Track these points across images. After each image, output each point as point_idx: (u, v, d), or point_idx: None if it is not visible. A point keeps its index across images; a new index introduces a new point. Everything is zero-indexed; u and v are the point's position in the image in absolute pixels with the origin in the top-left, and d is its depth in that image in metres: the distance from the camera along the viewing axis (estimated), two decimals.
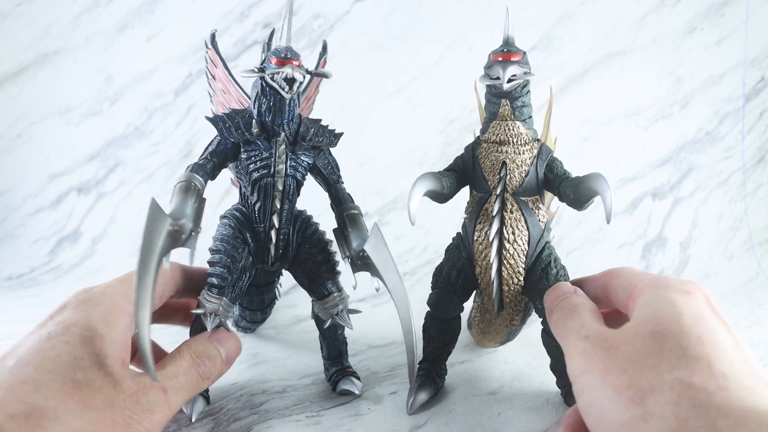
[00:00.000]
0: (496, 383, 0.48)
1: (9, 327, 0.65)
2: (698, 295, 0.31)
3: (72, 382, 0.28)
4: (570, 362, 0.31)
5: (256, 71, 0.40)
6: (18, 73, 0.94)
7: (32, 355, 0.29)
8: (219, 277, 0.40)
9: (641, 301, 0.32)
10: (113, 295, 0.34)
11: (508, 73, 0.39)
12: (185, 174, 0.40)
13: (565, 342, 0.34)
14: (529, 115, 0.43)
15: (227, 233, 0.42)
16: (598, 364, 0.29)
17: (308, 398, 0.45)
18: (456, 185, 0.45)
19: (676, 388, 0.26)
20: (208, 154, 0.42)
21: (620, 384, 0.27)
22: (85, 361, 0.29)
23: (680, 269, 0.81)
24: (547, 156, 0.42)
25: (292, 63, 0.39)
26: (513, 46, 0.41)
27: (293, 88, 0.39)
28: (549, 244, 0.44)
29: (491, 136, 0.42)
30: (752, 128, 0.88)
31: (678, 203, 0.86)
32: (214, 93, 0.48)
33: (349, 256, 0.44)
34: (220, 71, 0.46)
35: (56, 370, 0.28)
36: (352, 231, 0.45)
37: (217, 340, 0.38)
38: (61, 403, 0.27)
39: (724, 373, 0.26)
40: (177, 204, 0.37)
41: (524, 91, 0.41)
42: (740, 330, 0.61)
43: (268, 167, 0.41)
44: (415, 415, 0.42)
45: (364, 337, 0.59)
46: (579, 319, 0.34)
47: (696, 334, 0.28)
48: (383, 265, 0.42)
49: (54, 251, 0.89)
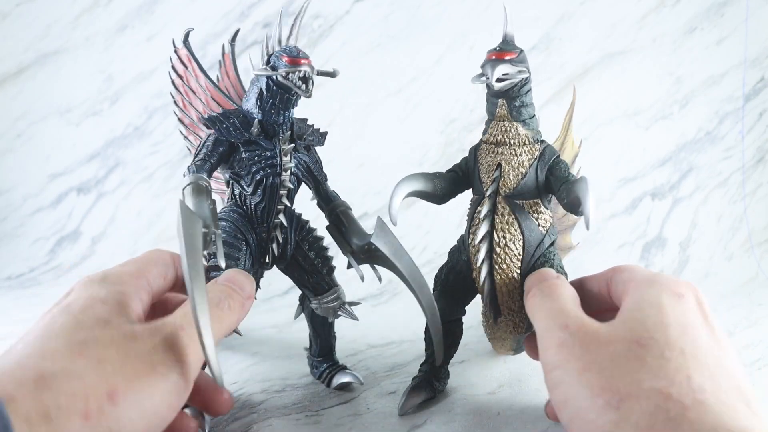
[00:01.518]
0: (495, 383, 0.48)
1: (9, 327, 0.65)
2: (690, 298, 0.31)
3: (78, 342, 0.27)
4: (545, 351, 0.31)
5: (269, 70, 0.39)
6: (18, 73, 0.94)
7: (34, 333, 0.29)
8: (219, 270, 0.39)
9: (632, 297, 0.31)
10: (119, 275, 0.33)
11: (498, 72, 0.38)
12: (192, 176, 0.39)
13: (541, 325, 0.33)
14: (531, 116, 0.41)
15: (227, 236, 0.41)
16: (576, 359, 0.28)
17: (308, 397, 0.45)
18: (452, 186, 0.44)
19: (653, 397, 0.26)
20: (205, 156, 0.41)
21: (597, 384, 0.27)
22: (88, 323, 0.29)
23: (680, 269, 0.81)
24: (550, 158, 0.40)
25: (305, 62, 0.39)
26: (508, 44, 0.39)
27: (308, 86, 0.39)
28: (551, 249, 0.42)
29: (489, 137, 0.42)
30: (752, 128, 0.88)
31: (678, 203, 0.86)
32: (179, 93, 0.47)
33: (351, 251, 0.44)
34: (192, 71, 0.45)
35: (59, 337, 0.28)
36: (349, 226, 0.45)
37: (227, 280, 0.36)
38: (71, 363, 0.26)
39: (701, 386, 0.26)
40: (194, 207, 0.37)
41: (523, 90, 0.40)
42: (740, 330, 0.61)
43: (274, 166, 0.41)
44: (415, 415, 0.42)
45: (364, 336, 0.59)
46: (558, 302, 0.33)
47: (680, 346, 0.27)
48: (395, 254, 0.42)
49: (54, 251, 0.89)
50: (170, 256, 0.37)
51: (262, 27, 0.88)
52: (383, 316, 0.66)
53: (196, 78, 0.46)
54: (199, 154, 0.41)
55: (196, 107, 0.47)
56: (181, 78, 0.46)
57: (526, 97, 0.40)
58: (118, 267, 0.35)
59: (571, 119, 0.46)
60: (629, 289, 0.32)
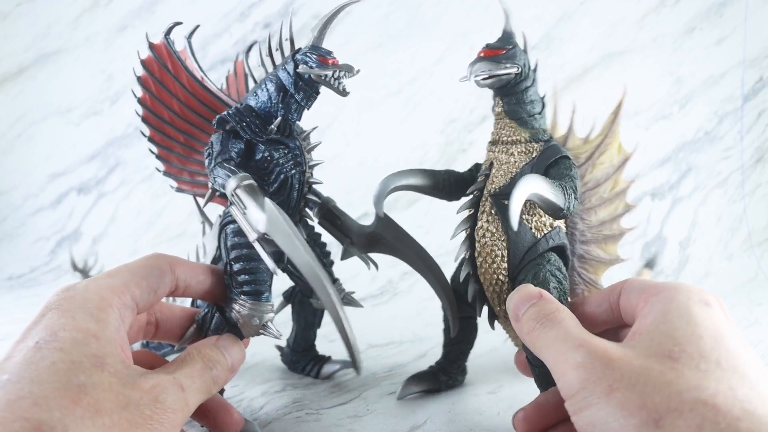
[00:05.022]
0: (495, 383, 0.48)
1: (9, 327, 0.65)
2: (717, 307, 0.29)
3: (76, 387, 0.26)
4: (562, 377, 0.28)
5: (320, 69, 0.39)
6: (18, 73, 0.94)
7: (23, 369, 0.26)
8: (249, 283, 0.38)
9: (655, 308, 0.29)
10: (99, 291, 0.31)
11: (476, 70, 0.38)
12: (236, 176, 0.36)
13: (549, 353, 0.30)
14: (530, 114, 0.39)
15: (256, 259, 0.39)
16: (600, 379, 0.26)
17: (308, 397, 0.45)
18: (460, 183, 0.43)
19: (698, 409, 0.23)
20: (228, 155, 0.38)
21: (630, 402, 0.25)
22: (84, 363, 0.27)
23: (680, 269, 0.82)
24: (551, 157, 0.38)
25: (337, 62, 0.40)
26: (497, 42, 0.39)
27: (345, 86, 0.41)
28: (548, 255, 0.39)
29: (491, 136, 0.42)
30: (751, 128, 0.88)
31: (677, 203, 0.86)
32: (148, 92, 0.43)
33: (351, 242, 0.45)
34: (171, 68, 0.42)
35: (54, 379, 0.25)
36: (344, 219, 0.45)
37: (223, 347, 0.36)
38: (68, 412, 0.25)
39: (747, 397, 0.24)
40: (256, 207, 0.35)
41: (518, 87, 0.39)
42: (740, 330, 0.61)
43: (299, 164, 0.41)
44: (415, 415, 0.42)
45: (364, 336, 0.59)
46: (561, 326, 0.30)
47: (715, 358, 0.26)
48: (400, 238, 0.42)
49: (54, 251, 0.89)
50: (167, 263, 0.35)
51: (262, 27, 0.88)
52: (383, 316, 0.66)
53: (176, 76, 0.42)
54: (216, 156, 0.39)
55: (169, 106, 0.43)
56: (153, 76, 0.42)
57: (523, 95, 0.39)
58: (102, 278, 0.32)
59: (614, 120, 0.43)
60: (648, 300, 0.30)
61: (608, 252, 0.45)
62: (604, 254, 0.44)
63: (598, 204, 0.44)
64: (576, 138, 0.44)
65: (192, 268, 0.38)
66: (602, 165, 0.43)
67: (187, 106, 0.43)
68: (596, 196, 0.43)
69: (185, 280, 0.37)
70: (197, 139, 0.44)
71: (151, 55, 0.42)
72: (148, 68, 0.42)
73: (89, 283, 0.31)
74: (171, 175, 0.45)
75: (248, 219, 0.35)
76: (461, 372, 0.47)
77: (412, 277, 0.77)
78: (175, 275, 0.36)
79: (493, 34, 0.40)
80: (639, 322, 0.29)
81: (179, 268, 0.37)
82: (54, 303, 0.30)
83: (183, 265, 0.37)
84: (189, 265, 0.38)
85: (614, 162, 0.43)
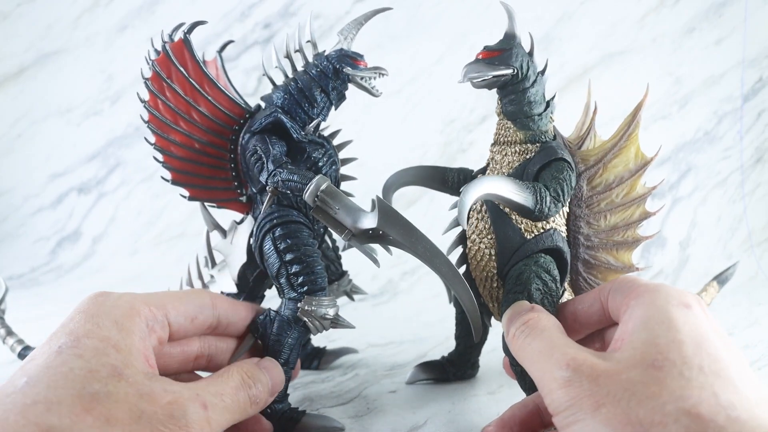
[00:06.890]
0: (495, 383, 0.48)
1: None
2: (697, 308, 0.28)
3: (89, 395, 0.25)
4: (549, 394, 0.28)
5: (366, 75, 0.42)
6: (18, 73, 0.94)
7: (42, 373, 0.26)
8: (311, 281, 0.38)
9: (636, 313, 0.29)
10: (131, 300, 0.31)
11: (466, 72, 0.39)
12: (318, 177, 0.36)
13: (536, 369, 0.30)
14: (528, 115, 0.39)
15: (303, 237, 0.39)
16: (587, 396, 0.26)
17: (308, 397, 0.45)
18: (467, 181, 0.42)
19: (682, 420, 0.23)
20: (281, 157, 0.38)
21: (615, 418, 0.25)
22: (102, 372, 0.27)
23: (679, 269, 0.82)
24: (546, 158, 0.38)
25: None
26: (496, 44, 0.39)
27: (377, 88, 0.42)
28: (537, 257, 0.39)
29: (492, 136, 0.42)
30: (750, 128, 0.88)
31: (677, 203, 0.86)
32: (157, 93, 0.41)
33: (352, 235, 0.44)
34: (183, 67, 0.40)
35: (69, 386, 0.26)
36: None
37: (265, 368, 0.35)
38: (79, 419, 0.25)
39: (731, 403, 0.24)
40: (354, 204, 0.37)
41: (517, 88, 0.39)
42: (740, 330, 0.61)
43: (335, 162, 0.42)
44: (415, 415, 0.42)
45: (364, 336, 0.59)
46: (545, 339, 0.31)
47: (697, 363, 0.25)
48: (406, 234, 0.39)
49: (55, 251, 0.89)
50: (209, 298, 0.35)
51: (262, 27, 0.88)
52: (383, 316, 0.66)
53: (194, 79, 0.41)
54: (274, 157, 0.38)
55: (185, 112, 0.41)
56: (160, 76, 0.40)
57: (521, 95, 0.39)
58: (140, 293, 0.32)
59: (631, 122, 0.42)
60: (630, 304, 0.30)
61: (620, 259, 0.42)
62: (615, 261, 0.42)
63: (609, 209, 0.41)
64: (597, 139, 0.42)
65: (234, 306, 0.38)
66: (615, 168, 0.41)
67: (208, 112, 0.41)
68: (607, 200, 0.41)
69: (227, 317, 0.37)
70: (215, 146, 0.42)
71: (164, 54, 0.40)
72: (161, 69, 0.40)
73: (125, 293, 0.32)
74: (181, 184, 0.42)
75: (340, 218, 0.36)
76: (471, 366, 0.47)
77: (412, 276, 0.77)
78: (216, 311, 0.36)
79: (493, 34, 0.41)
80: (621, 329, 0.29)
81: (221, 305, 0.37)
82: (83, 307, 0.30)
83: (225, 302, 0.38)
84: (231, 303, 0.38)
85: (630, 166, 0.41)
